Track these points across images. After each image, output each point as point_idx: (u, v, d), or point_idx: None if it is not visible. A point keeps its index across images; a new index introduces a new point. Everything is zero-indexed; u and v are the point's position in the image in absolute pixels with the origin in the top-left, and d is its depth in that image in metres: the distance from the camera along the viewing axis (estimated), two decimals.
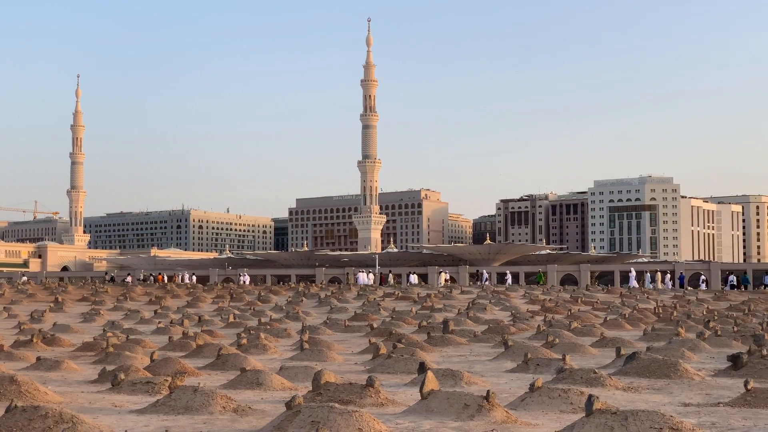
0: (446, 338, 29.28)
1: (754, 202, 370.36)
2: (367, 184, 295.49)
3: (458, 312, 44.57)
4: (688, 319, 39.80)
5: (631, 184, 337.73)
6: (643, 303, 54.21)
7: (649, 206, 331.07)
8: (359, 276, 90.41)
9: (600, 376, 17.84)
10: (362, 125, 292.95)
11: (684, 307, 50.38)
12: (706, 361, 23.50)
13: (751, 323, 38.42)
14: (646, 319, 40.74)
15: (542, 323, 36.61)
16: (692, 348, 25.62)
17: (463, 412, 13.48)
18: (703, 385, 18.23)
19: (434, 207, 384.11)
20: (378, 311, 45.64)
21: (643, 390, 17.49)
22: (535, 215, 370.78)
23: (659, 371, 19.41)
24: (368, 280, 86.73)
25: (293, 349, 27.16)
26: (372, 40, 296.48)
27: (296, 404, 12.57)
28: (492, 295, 58.86)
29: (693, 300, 57.62)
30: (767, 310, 48.82)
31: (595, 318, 42.00)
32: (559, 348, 25.49)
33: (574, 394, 14.83)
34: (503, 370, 21.59)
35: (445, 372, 18.48)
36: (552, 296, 59.49)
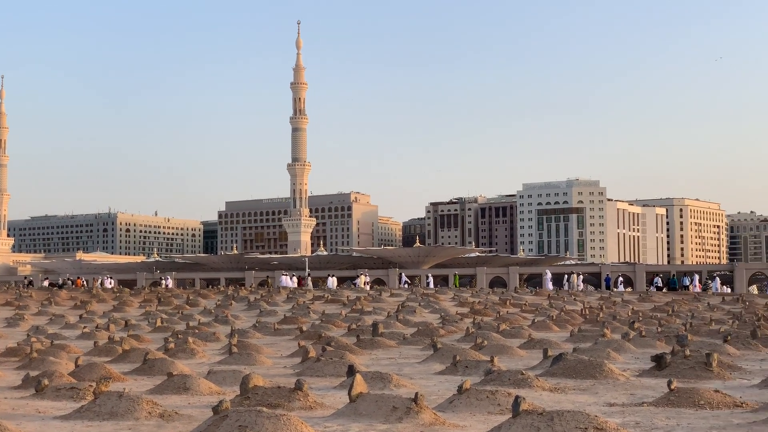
0: (375, 341, 29.31)
1: (677, 204, 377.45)
2: (297, 187, 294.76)
3: (388, 315, 44.66)
4: (614, 320, 40.38)
5: (558, 187, 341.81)
6: (571, 305, 54.88)
7: (576, 209, 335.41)
8: (282, 279, 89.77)
9: (527, 378, 18.01)
10: (292, 128, 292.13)
11: (610, 308, 51.10)
12: (631, 361, 23.86)
13: (675, 324, 39.12)
14: (573, 320, 41.26)
15: (471, 325, 36.87)
16: (617, 349, 25.99)
17: (392, 414, 13.51)
18: (628, 385, 18.51)
19: (364, 210, 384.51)
20: (308, 314, 45.53)
21: (570, 390, 17.70)
22: (465, 218, 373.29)
23: (585, 372, 19.67)
24: (291, 283, 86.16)
25: (222, 353, 26.95)
26: (301, 43, 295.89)
27: (223, 409, 12.47)
28: (421, 298, 59.08)
29: (619, 301, 58.48)
30: (690, 311, 49.76)
31: (523, 320, 42.41)
32: (488, 350, 25.67)
33: (502, 395, 14.95)
34: (432, 372, 21.67)
35: (374, 375, 18.49)
36: (481, 298, 59.92)
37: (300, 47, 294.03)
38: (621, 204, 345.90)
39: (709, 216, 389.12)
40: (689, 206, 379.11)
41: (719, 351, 24.64)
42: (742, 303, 57.54)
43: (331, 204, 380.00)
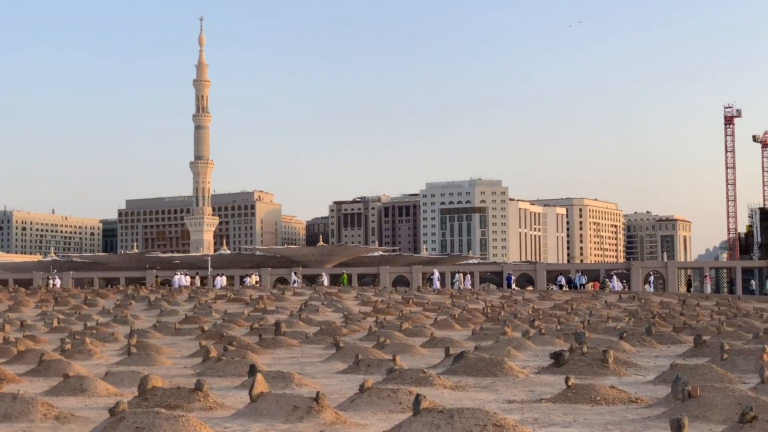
0: (278, 340, 29.15)
1: (577, 204, 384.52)
2: (200, 186, 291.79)
3: (291, 314, 44.47)
4: (515, 318, 40.91)
5: (461, 186, 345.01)
6: (473, 303, 55.40)
7: (479, 208, 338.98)
8: (175, 278, 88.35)
9: (429, 376, 18.11)
10: (194, 126, 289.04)
11: (511, 306, 51.75)
12: (531, 358, 24.20)
13: (574, 322, 39.84)
14: (475, 319, 41.65)
15: (374, 324, 36.94)
16: (518, 346, 26.33)
17: (293, 414, 13.44)
18: (527, 382, 18.76)
19: (267, 209, 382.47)
20: (209, 314, 45.05)
21: (470, 388, 17.85)
22: (368, 217, 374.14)
23: (486, 369, 19.87)
24: (185, 282, 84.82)
25: (120, 354, 26.49)
26: (204, 40, 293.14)
27: (120, 410, 12.24)
28: (324, 297, 59.00)
29: (520, 300, 59.26)
30: (589, 308, 50.69)
31: (426, 319, 42.65)
32: (390, 349, 25.74)
33: (403, 393, 15.00)
34: (334, 371, 21.65)
35: (276, 374, 18.38)
36: (384, 297, 60.09)
37: (203, 44, 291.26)
38: (523, 204, 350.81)
39: (607, 216, 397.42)
40: (588, 206, 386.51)
41: (615, 348, 25.15)
42: (638, 301, 58.89)
43: (234, 203, 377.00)
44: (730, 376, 18.30)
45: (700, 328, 33.96)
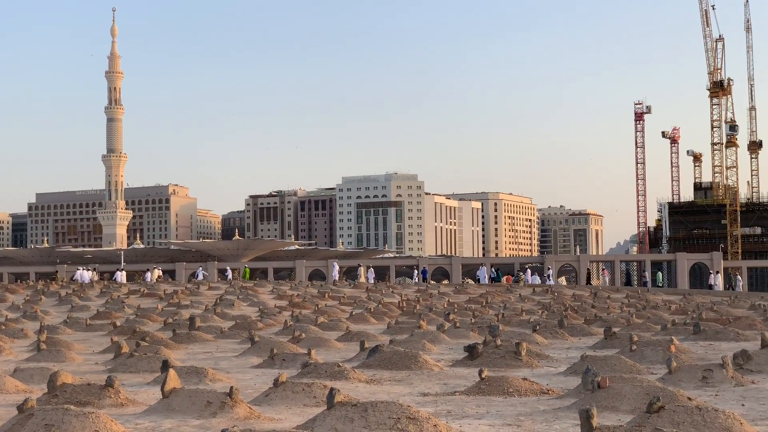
0: (192, 335, 28.89)
1: (492, 199, 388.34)
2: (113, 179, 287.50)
3: (205, 308, 44.09)
4: (430, 312, 41.16)
5: (378, 180, 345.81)
6: (389, 297, 55.62)
7: (395, 203, 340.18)
8: (77, 273, 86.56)
9: (344, 370, 18.13)
10: (107, 118, 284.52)
11: (427, 300, 52.09)
12: (446, 352, 24.38)
13: (488, 315, 40.25)
14: (390, 312, 41.83)
15: (289, 318, 36.85)
16: (432, 340, 26.50)
17: (206, 409, 13.33)
18: (442, 375, 18.90)
19: (182, 202, 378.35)
20: (122, 309, 44.40)
21: (385, 382, 17.92)
22: (284, 211, 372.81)
23: (401, 363, 19.96)
24: (87, 278, 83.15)
25: (30, 350, 25.96)
26: (117, 31, 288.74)
27: (28, 407, 12.00)
28: (240, 291, 58.63)
29: (435, 293, 59.67)
30: (503, 302, 51.27)
31: (341, 312, 42.68)
32: (306, 343, 25.70)
33: (318, 387, 14.99)
34: (249, 366, 21.53)
35: (189, 369, 18.22)
36: (300, 291, 59.96)
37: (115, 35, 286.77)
38: (438, 198, 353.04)
39: (522, 210, 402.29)
40: (503, 200, 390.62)
41: (528, 340, 25.49)
42: (551, 294, 59.75)
43: (149, 196, 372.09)
44: (639, 367, 18.68)
45: (610, 320, 34.61)
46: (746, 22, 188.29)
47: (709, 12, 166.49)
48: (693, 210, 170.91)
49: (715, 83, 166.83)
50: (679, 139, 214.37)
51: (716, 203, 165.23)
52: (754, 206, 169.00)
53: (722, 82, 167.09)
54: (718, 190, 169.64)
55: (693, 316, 36.74)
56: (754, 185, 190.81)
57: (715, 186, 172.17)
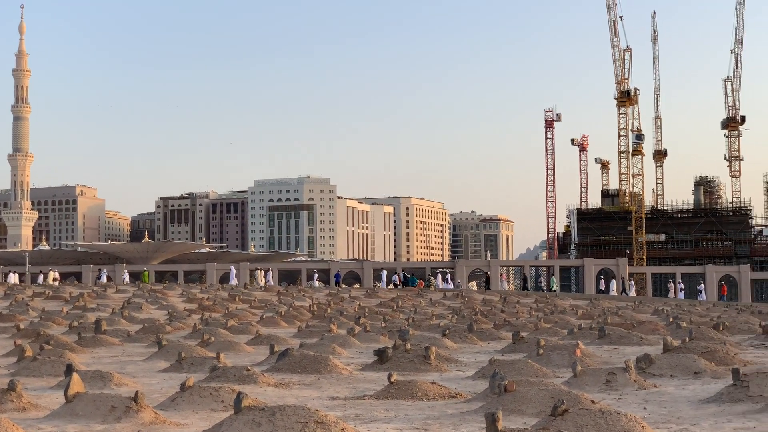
0: (98, 339, 28.38)
1: (404, 203, 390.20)
2: (18, 179, 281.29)
3: (112, 311, 43.36)
4: (341, 315, 41.14)
5: (290, 184, 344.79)
6: (300, 301, 55.43)
7: (307, 206, 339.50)
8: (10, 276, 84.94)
9: (253, 374, 18.00)
10: (13, 117, 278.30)
11: (338, 304, 52.04)
12: (356, 356, 24.38)
13: (399, 319, 40.38)
14: (301, 316, 41.68)
15: (199, 322, 36.45)
16: (343, 344, 26.49)
17: (110, 414, 13.11)
18: (351, 379, 18.90)
19: (90, 204, 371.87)
20: (26, 311, 43.39)
21: (294, 386, 17.85)
22: (196, 213, 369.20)
23: (310, 367, 19.90)
24: None
25: None
26: (25, 28, 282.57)
27: None
28: (148, 294, 57.82)
29: (346, 297, 59.66)
30: (414, 306, 51.51)
31: (252, 316, 42.39)
32: (215, 346, 25.44)
33: (226, 392, 14.86)
34: (156, 370, 21.24)
35: (94, 374, 17.90)
36: (210, 294, 59.36)
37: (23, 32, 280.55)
38: (351, 202, 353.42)
39: (434, 215, 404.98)
40: (415, 205, 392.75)
41: (438, 344, 25.63)
42: (462, 298, 60.23)
43: (55, 197, 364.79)
44: (545, 371, 18.94)
45: (519, 324, 35.04)
46: (653, 33, 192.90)
47: (618, 23, 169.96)
48: (600, 216, 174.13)
49: (622, 93, 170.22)
50: (587, 146, 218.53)
51: (623, 210, 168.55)
52: (658, 213, 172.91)
53: (629, 91, 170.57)
54: (625, 197, 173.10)
55: (599, 320, 37.39)
56: (659, 193, 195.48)
57: (621, 193, 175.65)
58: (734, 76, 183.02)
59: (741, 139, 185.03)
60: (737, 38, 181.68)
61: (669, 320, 37.51)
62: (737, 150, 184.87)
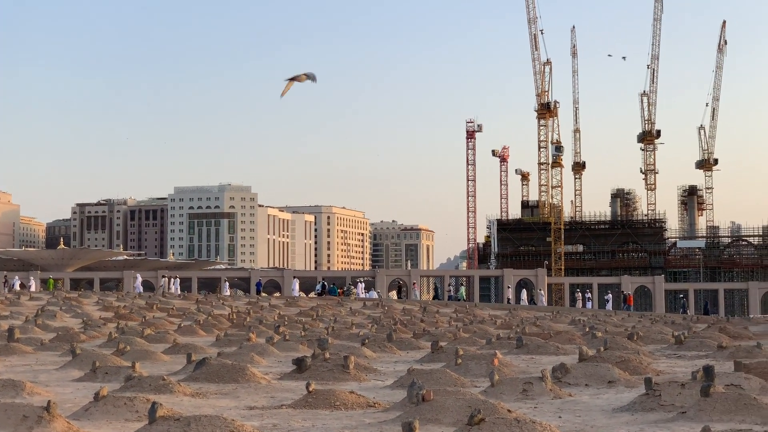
0: (10, 347, 27.76)
1: (325, 212, 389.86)
2: None
3: (26, 319, 42.47)
4: (261, 324, 40.89)
5: (211, 191, 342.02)
6: (219, 309, 54.95)
7: (227, 214, 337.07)
8: None
9: (169, 383, 17.78)
10: None
11: (257, 312, 51.70)
12: (274, 365, 24.25)
13: (318, 328, 40.28)
14: (220, 325, 41.31)
15: (115, 330, 35.89)
16: (261, 353, 26.32)
17: (22, 424, 12.84)
18: (269, 388, 18.79)
19: (4, 209, 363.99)
20: None
21: (211, 395, 17.67)
22: (113, 220, 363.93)
23: (228, 376, 19.74)
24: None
25: None
26: None
27: None
28: (63, 302, 56.76)
29: (266, 306, 59.30)
30: (334, 315, 51.43)
31: (169, 324, 41.87)
32: (130, 355, 25.07)
33: (141, 401, 14.65)
34: (70, 379, 20.86)
35: (6, 382, 17.51)
36: (127, 303, 58.51)
37: None
38: (272, 210, 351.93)
39: (355, 224, 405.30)
40: (336, 214, 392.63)
41: (357, 354, 25.62)
42: (382, 308, 60.33)
43: None
44: (463, 380, 19.06)
45: (438, 334, 35.20)
46: (572, 47, 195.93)
47: (538, 36, 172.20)
48: (520, 227, 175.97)
49: (542, 105, 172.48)
50: (508, 157, 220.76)
51: (542, 221, 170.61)
52: (577, 225, 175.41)
53: (549, 104, 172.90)
54: (544, 208, 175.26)
55: (517, 330, 37.77)
56: (578, 204, 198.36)
57: (541, 204, 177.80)
58: (650, 90, 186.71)
59: (656, 152, 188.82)
60: (653, 54, 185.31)
61: (585, 330, 38.05)
62: (653, 163, 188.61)
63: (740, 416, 13.31)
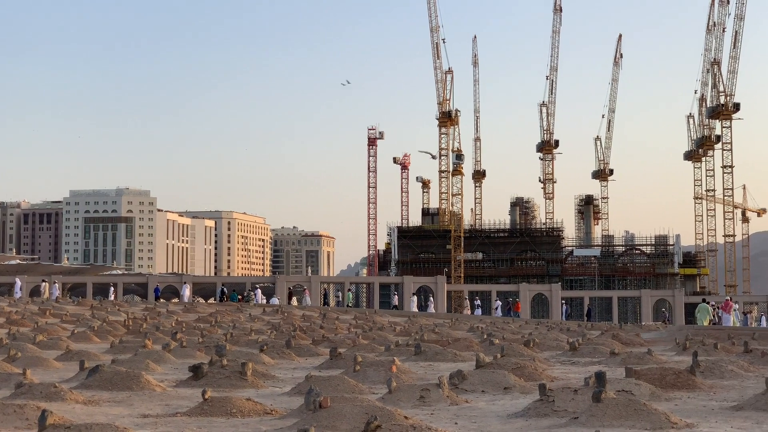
0: None
1: (226, 217, 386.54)
2: None
3: None
4: (157, 330, 40.32)
5: (108, 195, 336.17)
6: (114, 315, 54.01)
7: (125, 218, 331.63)
8: None
9: (60, 391, 17.40)
10: None
11: (154, 319, 50.97)
12: (170, 372, 23.92)
13: (217, 334, 39.89)
14: (115, 331, 40.60)
15: (5, 336, 34.96)
16: (157, 360, 25.93)
17: None
18: (164, 395, 18.52)
19: None
20: None
21: (104, 403, 17.35)
22: (6, 223, 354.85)
23: (122, 383, 19.40)
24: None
25: None
26: None
27: None
28: None
29: (164, 312, 58.51)
30: (233, 321, 51.01)
31: (63, 331, 40.99)
32: (21, 362, 24.44)
33: (31, 409, 14.30)
34: None
35: None
36: (19, 308, 57.06)
37: None
38: (171, 215, 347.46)
39: (256, 229, 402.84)
40: (237, 219, 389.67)
41: (255, 360, 25.45)
42: (282, 314, 60.07)
43: None
44: (361, 387, 19.07)
45: (337, 340, 35.19)
46: (474, 56, 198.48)
47: (440, 45, 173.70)
48: (420, 234, 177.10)
49: (443, 113, 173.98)
50: (409, 165, 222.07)
51: (442, 229, 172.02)
52: (476, 233, 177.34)
53: (450, 112, 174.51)
54: (444, 216, 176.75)
55: (416, 337, 37.98)
56: (478, 212, 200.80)
57: (441, 212, 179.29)
58: (549, 101, 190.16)
59: (555, 162, 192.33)
60: (552, 65, 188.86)
61: (483, 337, 38.47)
62: (551, 173, 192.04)
63: (630, 421, 13.61)
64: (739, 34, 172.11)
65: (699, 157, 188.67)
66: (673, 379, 19.13)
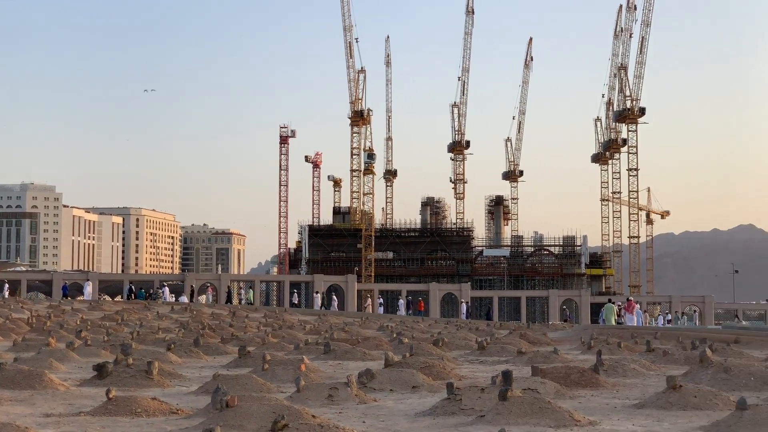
0: None
1: (134, 214, 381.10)
2: None
3: None
4: (62, 329, 39.58)
5: (12, 190, 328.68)
6: (18, 313, 52.86)
7: (30, 214, 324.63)
8: None
9: None
10: None
11: (59, 316, 50.04)
12: (74, 371, 23.50)
13: (123, 332, 39.32)
14: (18, 329, 39.78)
15: None
16: (61, 358, 25.45)
17: None
18: (68, 395, 18.18)
19: None
20: None
21: (6, 402, 16.96)
22: None
23: (24, 382, 19.00)
24: None
25: None
26: None
27: None
28: None
29: (68, 310, 57.47)
30: (140, 319, 50.33)
31: None
32: None
33: None
34: None
35: None
36: None
37: None
38: (77, 211, 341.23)
39: (165, 227, 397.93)
40: (146, 216, 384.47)
41: (162, 359, 25.14)
42: (190, 312, 59.47)
43: None
44: (270, 386, 18.98)
45: (246, 339, 34.97)
46: (386, 56, 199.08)
47: (353, 44, 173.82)
48: (331, 233, 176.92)
49: (356, 112, 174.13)
50: (321, 163, 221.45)
51: (353, 227, 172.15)
52: (387, 232, 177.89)
53: (362, 111, 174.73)
54: (356, 215, 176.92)
55: (325, 336, 37.96)
56: (389, 212, 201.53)
57: (352, 211, 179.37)
58: (461, 102, 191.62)
59: (466, 162, 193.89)
60: (464, 66, 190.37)
61: (393, 336, 38.62)
62: (462, 173, 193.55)
63: (535, 419, 13.81)
64: (646, 39, 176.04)
65: (606, 160, 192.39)
66: (578, 377, 19.47)
